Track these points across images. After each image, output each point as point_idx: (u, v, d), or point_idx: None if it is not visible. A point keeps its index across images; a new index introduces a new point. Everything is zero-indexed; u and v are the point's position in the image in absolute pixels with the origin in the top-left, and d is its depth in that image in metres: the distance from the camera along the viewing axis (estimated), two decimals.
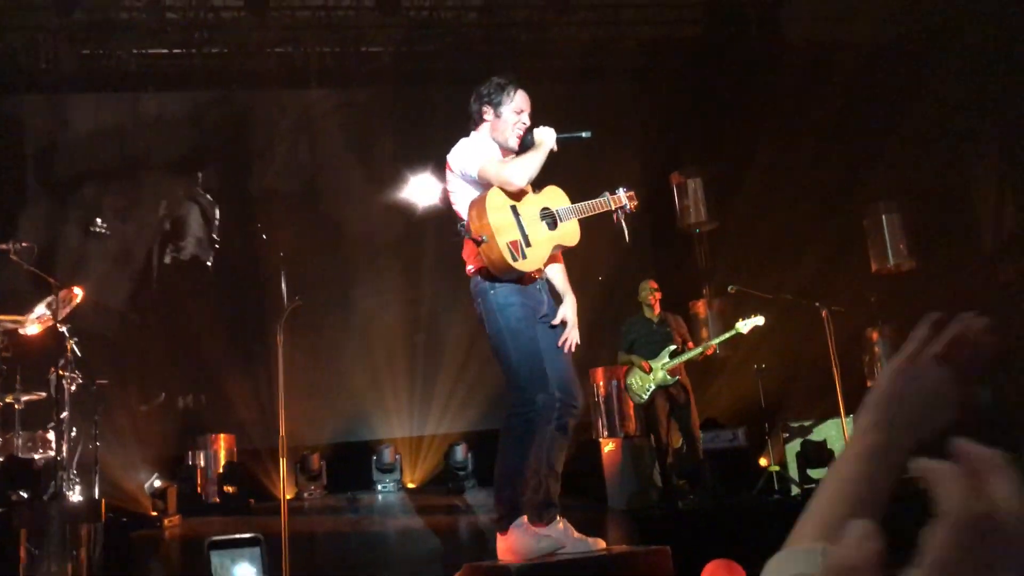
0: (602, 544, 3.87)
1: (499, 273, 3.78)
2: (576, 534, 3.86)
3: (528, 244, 3.81)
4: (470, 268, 3.94)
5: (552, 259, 4.03)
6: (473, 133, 4.08)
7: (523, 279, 3.87)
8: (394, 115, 10.11)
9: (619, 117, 9.87)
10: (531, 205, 3.91)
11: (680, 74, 10.07)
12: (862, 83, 9.25)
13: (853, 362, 8.59)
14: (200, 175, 9.87)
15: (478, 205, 3.79)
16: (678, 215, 9.63)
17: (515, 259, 3.73)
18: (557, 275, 4.10)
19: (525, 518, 3.79)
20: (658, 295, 7.44)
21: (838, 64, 9.32)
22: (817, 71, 9.40)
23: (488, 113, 4.04)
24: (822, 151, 9.31)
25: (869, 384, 8.83)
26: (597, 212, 4.05)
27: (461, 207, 3.94)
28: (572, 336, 3.97)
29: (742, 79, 9.97)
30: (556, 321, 3.95)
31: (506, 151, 4.00)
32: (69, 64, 9.40)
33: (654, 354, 7.23)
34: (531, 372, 3.78)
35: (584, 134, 3.96)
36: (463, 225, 3.87)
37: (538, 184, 4.00)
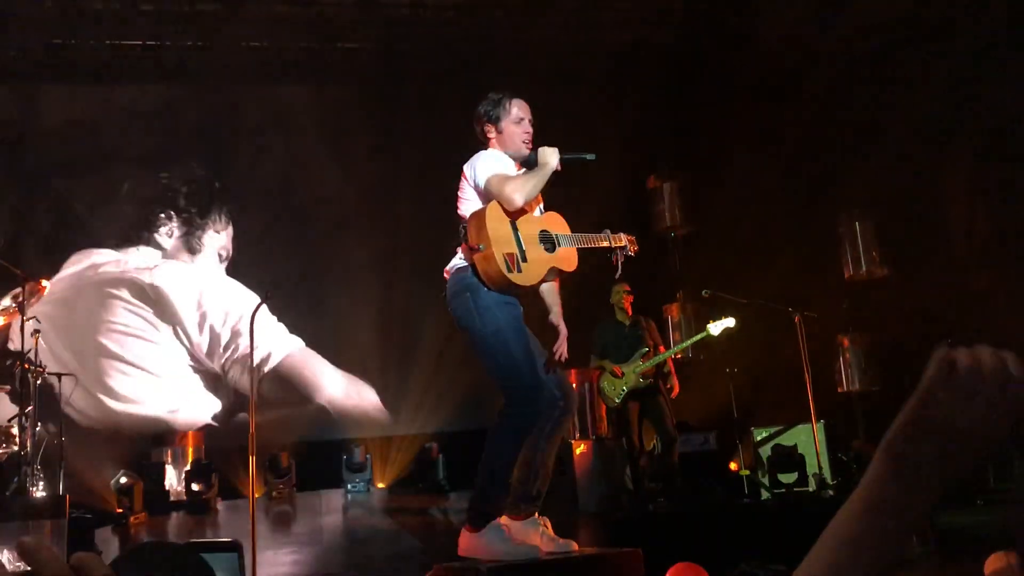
0: (575, 546, 3.85)
1: (493, 284, 3.72)
2: (552, 533, 3.84)
3: (524, 260, 3.77)
4: (451, 268, 3.89)
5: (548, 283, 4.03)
6: (490, 148, 4.08)
7: (514, 294, 3.83)
8: (370, 113, 10.05)
9: (596, 120, 9.87)
10: (531, 226, 3.89)
11: (657, 78, 10.09)
12: (837, 91, 9.31)
13: (824, 368, 8.64)
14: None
15: (478, 216, 3.78)
16: (653, 219, 9.64)
17: (510, 270, 3.69)
18: (548, 288, 4.07)
19: (505, 519, 3.76)
20: (630, 298, 7.43)
21: (813, 72, 9.38)
22: (792, 78, 9.45)
23: (491, 131, 4.03)
24: (797, 158, 9.36)
25: (840, 390, 8.91)
26: (596, 246, 4.08)
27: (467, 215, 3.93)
28: (562, 348, 3.97)
29: (718, 85, 10.01)
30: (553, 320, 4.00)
31: (520, 162, 4.02)
32: (39, 53, 9.26)
33: (626, 358, 7.22)
34: (531, 369, 3.74)
35: (589, 156, 3.96)
36: (464, 227, 3.84)
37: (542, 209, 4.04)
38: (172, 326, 9.17)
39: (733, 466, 8.41)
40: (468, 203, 3.93)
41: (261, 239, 9.54)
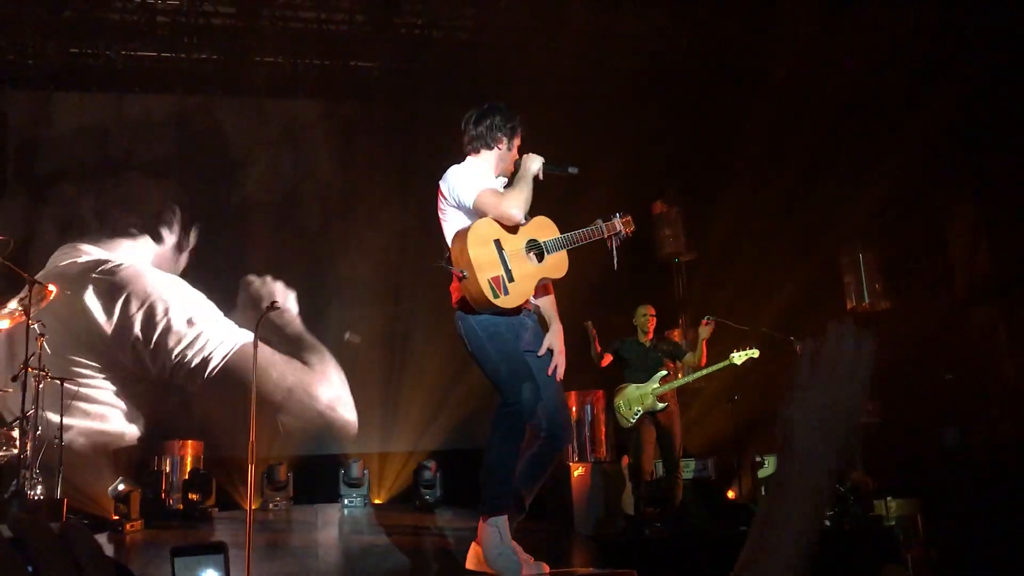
0: (546, 569, 3.82)
1: (480, 308, 3.76)
2: (523, 555, 3.81)
3: (511, 279, 3.76)
4: (454, 297, 3.92)
5: (542, 289, 4.02)
6: (469, 159, 4.03)
7: (506, 314, 3.84)
8: (381, 130, 10.13)
9: (604, 144, 9.93)
10: (517, 238, 3.86)
11: (665, 105, 10.16)
12: (844, 124, 9.36)
13: None
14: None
15: (460, 239, 3.76)
16: (657, 244, 9.68)
17: (496, 295, 3.70)
18: (545, 303, 4.08)
19: (505, 519, 3.76)
20: (654, 321, 7.40)
21: (821, 104, 9.44)
22: (800, 110, 9.51)
23: (503, 144, 4.01)
24: (802, 188, 9.40)
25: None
26: (589, 241, 4.01)
27: (450, 235, 3.91)
28: (559, 363, 3.97)
29: (726, 114, 10.08)
30: (542, 351, 3.94)
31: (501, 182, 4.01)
32: (56, 61, 9.36)
33: (646, 378, 7.17)
34: (513, 370, 3.77)
35: (572, 169, 3.92)
36: (447, 259, 3.85)
37: (528, 214, 3.97)
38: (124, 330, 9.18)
39: (731, 494, 8.39)
40: (450, 223, 3.92)
41: (267, 251, 9.59)
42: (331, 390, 9.49)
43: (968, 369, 8.89)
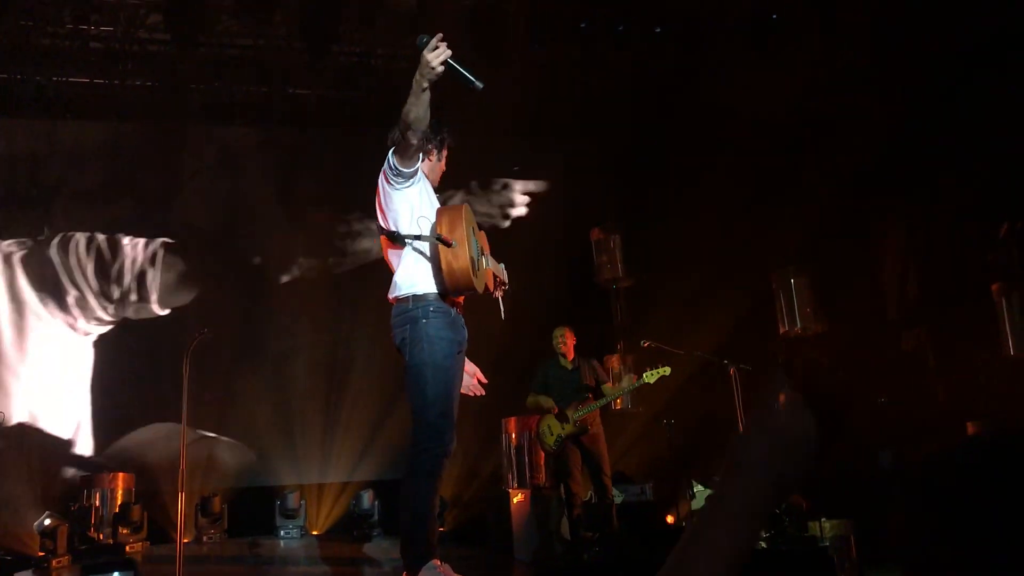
0: None
1: (454, 281, 3.76)
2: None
3: (478, 268, 3.88)
4: (395, 295, 3.91)
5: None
6: None
7: (456, 304, 3.90)
8: (318, 158, 10.07)
9: (545, 171, 10.03)
10: (479, 239, 4.00)
11: (605, 133, 10.29)
12: (778, 152, 9.58)
13: None
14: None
15: (452, 213, 3.78)
16: (596, 270, 9.77)
17: (475, 272, 3.79)
18: None
19: (437, 561, 3.73)
20: (571, 342, 7.37)
21: (756, 132, 9.65)
22: (736, 138, 9.71)
23: (432, 156, 4.05)
24: (738, 215, 9.57)
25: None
26: (497, 273, 4.18)
27: (390, 208, 3.89)
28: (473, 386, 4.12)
29: (665, 142, 10.25)
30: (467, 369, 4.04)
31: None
32: None
33: (567, 401, 7.15)
34: (443, 410, 3.76)
35: (478, 83, 3.51)
36: (389, 230, 3.85)
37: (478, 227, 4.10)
38: None
39: (670, 519, 8.43)
40: (393, 211, 3.89)
41: (202, 278, 9.45)
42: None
43: (900, 392, 9.09)
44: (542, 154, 10.41)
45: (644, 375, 6.99)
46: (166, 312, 9.44)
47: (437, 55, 3.44)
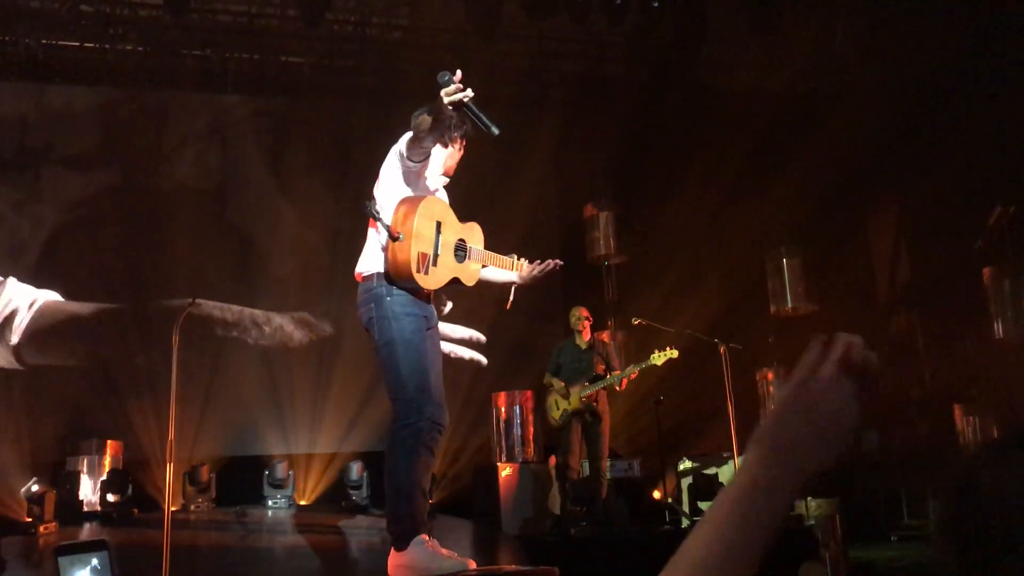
0: (472, 564, 3.80)
1: (396, 276, 3.72)
2: (444, 551, 3.77)
3: (435, 264, 3.77)
4: (361, 272, 3.89)
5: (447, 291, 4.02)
6: None
7: (418, 292, 3.84)
8: (311, 128, 9.99)
9: (537, 147, 9.98)
10: (453, 232, 3.88)
11: (600, 109, 10.24)
12: (773, 131, 9.55)
13: (748, 400, 8.80)
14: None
15: (409, 204, 3.72)
16: (588, 247, 9.76)
17: (418, 270, 3.69)
18: (496, 275, 4.12)
19: (425, 536, 3.72)
20: (588, 322, 7.51)
21: (751, 111, 9.63)
22: (731, 117, 9.69)
23: (456, 143, 3.97)
24: (731, 194, 9.57)
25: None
26: (500, 268, 4.09)
27: (382, 176, 3.88)
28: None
29: (659, 119, 10.21)
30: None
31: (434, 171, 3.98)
32: None
33: (577, 379, 7.27)
34: (420, 384, 3.73)
35: (495, 129, 3.50)
36: (375, 208, 3.79)
37: (465, 218, 4.00)
38: None
39: (657, 494, 8.48)
40: (383, 181, 3.88)
41: (191, 246, 9.38)
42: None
43: (888, 373, 9.14)
44: (536, 129, 10.35)
45: (651, 357, 7.07)
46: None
47: (454, 98, 3.38)
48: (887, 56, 9.67)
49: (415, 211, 3.68)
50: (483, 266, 4.05)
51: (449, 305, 4.68)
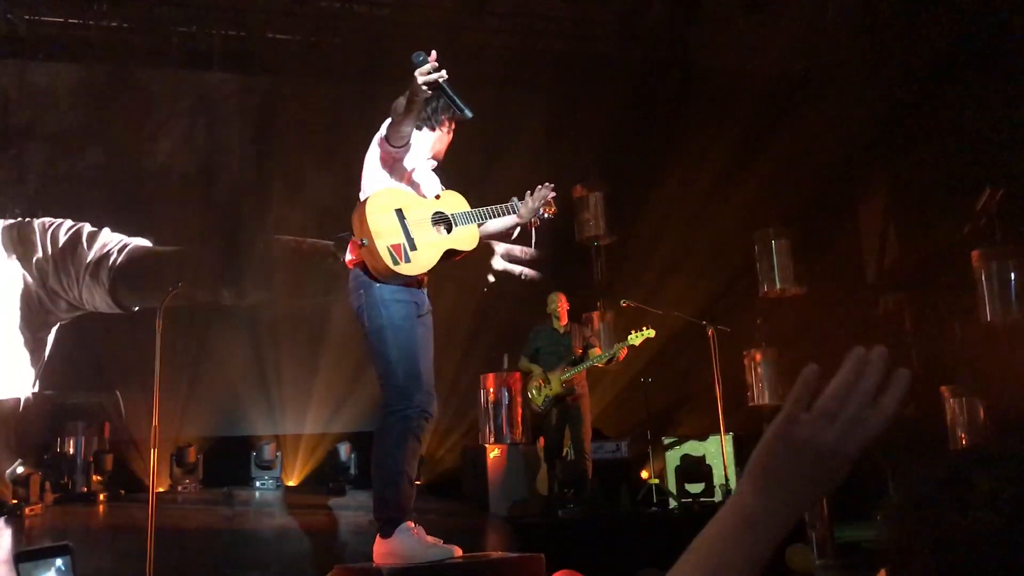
0: (459, 552, 3.79)
1: (383, 277, 3.70)
2: (429, 539, 3.77)
3: (413, 248, 3.72)
4: (350, 259, 3.86)
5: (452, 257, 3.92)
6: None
7: (409, 282, 3.80)
8: (299, 105, 9.89)
9: (526, 126, 9.91)
10: (421, 209, 3.82)
11: (589, 89, 10.17)
12: (763, 113, 9.52)
13: (736, 382, 8.81)
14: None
15: (360, 209, 3.70)
16: (577, 227, 9.71)
17: (396, 263, 3.65)
18: (495, 224, 4.06)
19: (411, 523, 3.71)
20: (566, 307, 7.54)
21: (742, 93, 9.58)
22: (722, 98, 9.64)
23: (445, 127, 3.95)
24: (721, 175, 9.54)
25: (750, 404, 9.09)
26: (501, 216, 4.00)
27: (367, 160, 3.88)
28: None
29: (650, 100, 10.16)
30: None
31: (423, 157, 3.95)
32: None
33: (556, 364, 7.31)
34: (409, 371, 3.72)
35: (468, 112, 3.55)
36: (343, 236, 3.81)
37: (441, 188, 3.96)
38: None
39: (644, 474, 8.50)
40: (368, 171, 3.87)
41: (179, 225, 9.31)
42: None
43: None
44: (524, 108, 10.28)
45: (629, 337, 7.07)
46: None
47: (428, 78, 3.38)
48: (878, 36, 9.63)
49: (365, 213, 3.66)
50: (478, 225, 3.97)
51: None
